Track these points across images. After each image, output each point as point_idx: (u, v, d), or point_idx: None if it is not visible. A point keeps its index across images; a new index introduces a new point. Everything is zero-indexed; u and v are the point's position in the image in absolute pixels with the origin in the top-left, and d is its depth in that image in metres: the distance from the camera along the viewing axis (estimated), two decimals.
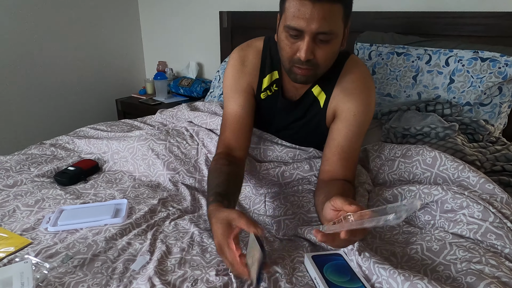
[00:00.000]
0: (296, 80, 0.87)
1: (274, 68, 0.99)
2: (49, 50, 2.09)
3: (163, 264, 0.71)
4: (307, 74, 0.84)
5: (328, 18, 0.76)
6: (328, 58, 0.83)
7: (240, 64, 1.00)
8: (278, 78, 0.99)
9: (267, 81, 1.00)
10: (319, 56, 0.81)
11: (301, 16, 0.76)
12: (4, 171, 1.06)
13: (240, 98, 0.99)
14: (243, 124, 0.98)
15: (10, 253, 0.73)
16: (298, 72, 0.84)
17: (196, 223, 0.86)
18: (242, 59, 1.00)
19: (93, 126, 1.39)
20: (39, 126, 2.13)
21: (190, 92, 2.22)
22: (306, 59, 0.79)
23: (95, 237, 0.79)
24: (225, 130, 0.99)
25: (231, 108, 1.00)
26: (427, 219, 0.83)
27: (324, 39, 0.78)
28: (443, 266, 0.67)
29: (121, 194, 0.98)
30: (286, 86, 1.00)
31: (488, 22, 1.32)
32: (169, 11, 2.37)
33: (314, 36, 0.78)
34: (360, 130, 0.93)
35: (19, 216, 0.87)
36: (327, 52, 0.81)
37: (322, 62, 0.82)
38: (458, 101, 1.26)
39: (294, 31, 0.79)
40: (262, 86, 1.01)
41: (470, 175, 0.86)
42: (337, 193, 0.81)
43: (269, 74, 0.99)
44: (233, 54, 1.02)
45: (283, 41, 0.83)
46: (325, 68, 0.86)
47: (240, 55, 1.01)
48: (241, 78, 1.00)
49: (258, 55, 1.00)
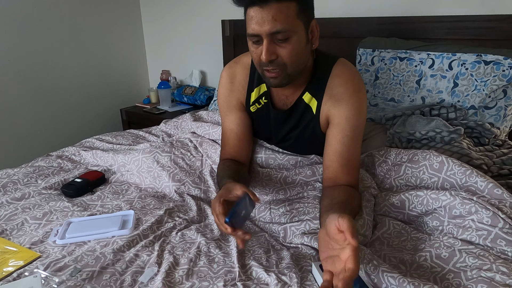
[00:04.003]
0: (271, 84, 0.89)
1: (262, 81, 1.00)
2: (53, 62, 2.11)
3: (171, 276, 0.71)
4: (277, 76, 0.86)
5: (278, 18, 0.78)
6: (293, 56, 0.84)
7: (229, 82, 1.03)
8: (266, 90, 1.01)
9: (255, 94, 1.02)
10: (283, 55, 0.83)
11: (254, 22, 0.80)
12: (12, 184, 1.07)
13: (233, 116, 1.04)
14: (241, 139, 1.03)
15: (19, 267, 0.73)
16: (268, 75, 0.87)
17: (203, 233, 0.86)
18: (231, 77, 1.04)
19: (99, 137, 1.40)
20: (45, 136, 2.15)
21: (193, 100, 2.23)
22: (267, 60, 0.82)
23: (103, 249, 0.79)
24: (225, 145, 1.04)
25: (227, 126, 1.04)
26: (435, 224, 0.83)
27: (282, 37, 0.81)
28: (453, 274, 0.67)
29: (127, 205, 0.98)
30: (275, 97, 1.01)
31: (491, 25, 1.32)
32: (171, 21, 2.39)
33: (270, 37, 0.81)
34: (355, 134, 0.92)
35: (27, 230, 0.88)
36: (289, 50, 0.82)
37: (288, 60, 0.84)
38: (463, 104, 1.26)
39: (254, 37, 0.83)
40: (251, 100, 1.03)
41: (478, 180, 0.86)
42: (342, 198, 0.82)
43: (257, 87, 1.01)
44: (223, 72, 1.06)
45: (251, 49, 0.87)
46: (294, 67, 0.86)
47: (228, 73, 1.04)
48: (231, 96, 1.04)
49: (246, 70, 1.03)
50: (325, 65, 0.95)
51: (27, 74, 2.01)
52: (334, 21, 1.63)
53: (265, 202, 0.98)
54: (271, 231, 0.90)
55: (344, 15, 1.66)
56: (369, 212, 0.88)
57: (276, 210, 0.93)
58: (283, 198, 0.97)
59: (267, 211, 0.95)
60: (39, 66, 2.05)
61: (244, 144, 1.03)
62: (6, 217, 0.92)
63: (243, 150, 1.03)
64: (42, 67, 2.07)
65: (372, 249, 0.79)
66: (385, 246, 0.80)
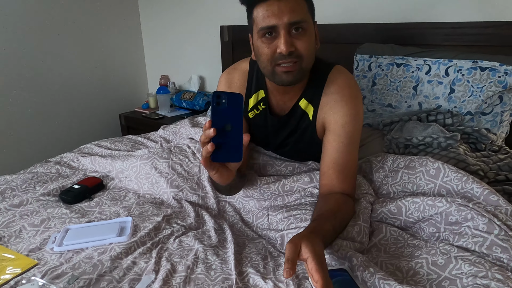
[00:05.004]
0: (282, 80, 0.86)
1: (260, 87, 1.00)
2: (52, 67, 2.12)
3: (168, 284, 0.72)
4: (292, 70, 0.84)
5: (296, 9, 0.81)
6: (309, 49, 0.84)
7: (227, 87, 1.04)
8: (264, 96, 1.01)
9: (253, 100, 1.02)
10: (300, 47, 0.83)
11: (271, 14, 0.80)
12: (11, 191, 1.07)
13: None
14: None
15: (16, 275, 0.73)
16: (283, 70, 0.84)
17: (200, 240, 0.86)
18: (229, 82, 1.04)
19: (97, 143, 1.41)
20: (44, 142, 2.16)
21: (192, 105, 2.24)
22: (287, 51, 0.81)
23: (101, 256, 0.79)
24: None
25: None
26: (432, 231, 0.83)
27: (300, 28, 0.82)
28: (449, 281, 0.67)
29: (125, 211, 0.98)
30: (273, 103, 1.01)
31: (488, 32, 1.33)
32: (170, 26, 2.41)
33: (288, 28, 0.81)
34: (351, 141, 0.93)
35: (25, 236, 0.88)
36: (306, 42, 0.83)
37: (305, 52, 0.84)
38: (459, 110, 1.26)
39: (268, 30, 0.82)
40: (249, 106, 1.03)
41: (474, 187, 0.86)
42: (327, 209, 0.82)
43: (255, 93, 1.02)
44: (221, 78, 1.06)
45: (261, 46, 0.85)
46: (309, 61, 0.86)
47: (226, 79, 1.04)
48: None
49: (244, 77, 1.03)
50: (321, 72, 0.95)
51: (26, 79, 2.01)
52: (332, 27, 1.64)
53: (263, 208, 0.98)
54: (268, 238, 0.91)
55: (342, 21, 1.68)
56: (365, 219, 0.88)
57: (274, 217, 0.93)
58: (281, 204, 0.98)
59: (264, 218, 0.95)
60: (38, 72, 2.06)
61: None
62: (4, 224, 0.92)
63: None
64: (41, 73, 2.08)
65: (369, 255, 0.79)
66: (382, 252, 0.81)
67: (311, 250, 0.62)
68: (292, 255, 0.62)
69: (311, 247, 0.63)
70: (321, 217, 0.79)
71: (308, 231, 0.70)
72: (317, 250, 0.63)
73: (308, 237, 0.65)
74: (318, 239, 0.67)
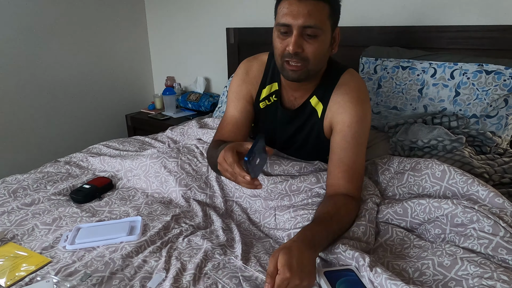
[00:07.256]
0: (288, 76, 0.91)
1: (275, 79, 1.05)
2: (59, 68, 2.15)
3: (179, 282, 0.73)
4: (297, 70, 0.89)
5: (313, 14, 0.83)
6: (317, 54, 0.87)
7: (245, 74, 1.08)
8: (278, 89, 1.05)
9: (267, 91, 1.06)
10: (308, 51, 0.86)
11: (289, 13, 0.84)
12: (22, 190, 1.09)
13: (239, 105, 1.07)
14: (239, 127, 1.06)
15: (31, 272, 0.75)
16: (289, 68, 0.89)
17: (209, 239, 0.88)
18: (247, 69, 1.08)
19: (106, 143, 1.43)
20: (52, 143, 2.18)
21: (198, 107, 2.26)
22: (294, 51, 0.85)
23: (112, 254, 0.81)
24: (222, 129, 1.07)
25: (230, 112, 1.08)
26: (437, 232, 0.84)
27: (311, 33, 0.85)
28: (455, 282, 0.68)
29: (135, 211, 1.00)
30: (285, 97, 1.05)
31: (493, 35, 1.34)
32: (177, 28, 2.43)
33: (301, 30, 0.84)
34: (358, 142, 0.94)
35: (38, 235, 0.90)
36: (315, 48, 0.86)
37: (311, 57, 0.87)
38: (464, 113, 1.27)
39: (283, 27, 0.86)
40: (261, 96, 1.07)
41: (479, 189, 0.87)
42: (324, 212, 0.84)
43: (269, 85, 1.06)
44: (241, 64, 1.11)
45: (276, 40, 0.90)
46: (315, 65, 0.90)
47: (245, 66, 1.09)
48: (243, 86, 1.08)
49: (261, 67, 1.07)
50: (334, 73, 0.99)
51: (34, 81, 2.04)
52: None
53: (270, 208, 0.99)
54: (275, 237, 0.92)
55: (348, 24, 1.69)
56: (371, 219, 0.89)
57: (281, 216, 0.95)
58: (288, 204, 0.99)
59: (272, 217, 0.96)
60: (46, 73, 2.09)
61: (240, 134, 1.06)
62: (17, 223, 0.94)
63: (237, 138, 1.04)
64: (49, 74, 2.10)
65: (376, 256, 0.80)
66: (388, 253, 0.82)
67: (282, 264, 0.64)
68: (272, 270, 0.65)
69: (283, 261, 0.64)
70: (316, 220, 0.82)
71: (294, 239, 0.72)
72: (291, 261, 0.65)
73: (288, 248, 0.67)
74: (303, 246, 0.69)
